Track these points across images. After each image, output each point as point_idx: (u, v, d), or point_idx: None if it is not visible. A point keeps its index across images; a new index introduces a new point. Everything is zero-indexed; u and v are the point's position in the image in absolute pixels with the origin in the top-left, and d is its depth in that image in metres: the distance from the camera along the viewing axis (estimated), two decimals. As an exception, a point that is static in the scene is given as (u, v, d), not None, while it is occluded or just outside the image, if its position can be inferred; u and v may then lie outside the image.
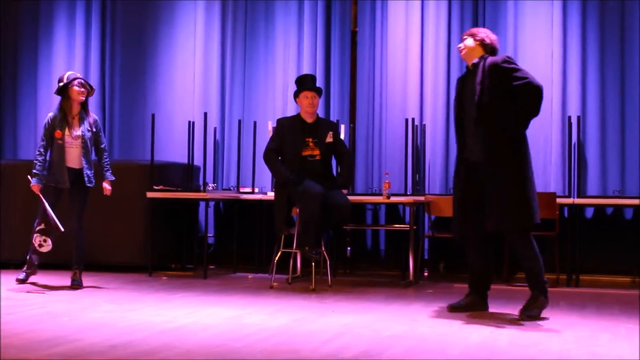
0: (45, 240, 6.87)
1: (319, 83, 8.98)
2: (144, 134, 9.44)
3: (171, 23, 9.67)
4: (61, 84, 6.94)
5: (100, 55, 9.88)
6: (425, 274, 8.21)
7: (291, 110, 8.74)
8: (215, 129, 9.11)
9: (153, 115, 8.43)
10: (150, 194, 8.03)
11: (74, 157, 6.96)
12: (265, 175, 8.67)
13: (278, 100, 9.12)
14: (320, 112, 8.87)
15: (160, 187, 8.11)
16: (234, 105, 9.41)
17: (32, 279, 7.15)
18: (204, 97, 9.39)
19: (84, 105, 7.04)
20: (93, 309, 5.70)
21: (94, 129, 7.09)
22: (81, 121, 7.01)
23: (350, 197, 7.38)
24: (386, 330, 4.97)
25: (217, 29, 9.44)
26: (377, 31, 8.98)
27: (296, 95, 7.30)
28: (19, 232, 8.24)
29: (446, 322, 5.32)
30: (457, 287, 7.32)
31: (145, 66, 9.74)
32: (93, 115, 7.19)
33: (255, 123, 8.79)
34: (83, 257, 7.08)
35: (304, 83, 7.27)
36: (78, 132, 6.97)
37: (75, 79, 6.95)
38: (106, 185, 7.13)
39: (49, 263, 7.58)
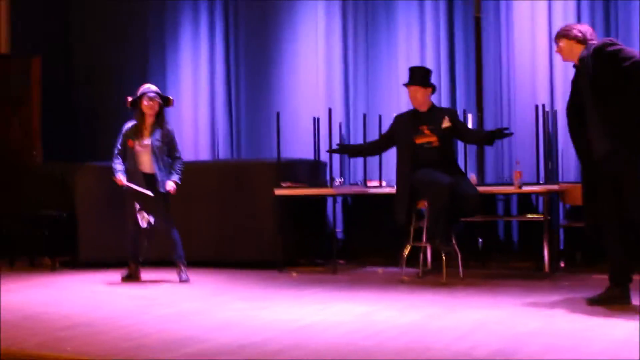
0: (143, 216, 7.15)
1: (444, 72, 8.83)
2: (270, 132, 9.42)
3: (293, 21, 9.66)
4: (130, 98, 7.31)
5: (224, 57, 9.99)
6: (562, 265, 7.88)
7: (416, 101, 8.57)
8: (340, 124, 9.02)
9: (278, 114, 8.43)
10: (278, 191, 8.03)
11: (145, 163, 7.26)
12: (392, 168, 8.53)
13: (402, 93, 8.91)
14: (446, 102, 8.70)
15: (288, 184, 8.10)
16: (358, 100, 9.32)
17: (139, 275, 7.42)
18: (328, 93, 9.34)
19: (159, 116, 7.29)
20: (223, 308, 5.72)
21: (166, 140, 7.31)
22: (153, 132, 7.27)
23: (480, 188, 7.16)
24: (521, 326, 4.75)
25: (338, 24, 9.37)
26: (501, 15, 8.67)
27: None
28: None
29: (585, 317, 5.04)
30: (595, 279, 6.97)
31: (269, 66, 9.77)
32: (168, 127, 7.40)
33: (380, 116, 8.64)
34: (181, 252, 7.28)
35: (409, 77, 7.16)
36: (147, 141, 7.24)
37: (145, 93, 7.24)
38: (169, 183, 7.25)
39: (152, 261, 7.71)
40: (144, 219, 7.11)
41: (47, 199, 9.03)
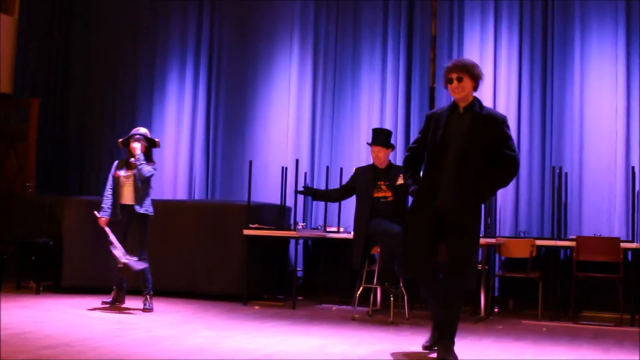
0: (119, 258, 7.07)
1: (400, 134, 8.94)
2: (243, 177, 9.50)
3: (268, 79, 9.76)
4: (120, 140, 7.42)
5: (205, 107, 10.05)
6: (496, 310, 7.96)
7: (374, 157, 8.67)
8: (305, 173, 9.09)
9: (250, 162, 8.48)
10: (246, 232, 8.04)
11: (126, 195, 7.22)
12: (349, 215, 8.60)
13: (362, 149, 9.05)
14: (401, 161, 8.79)
15: (256, 225, 8.11)
16: (322, 153, 9.40)
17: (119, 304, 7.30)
18: (296, 145, 9.42)
19: (146, 156, 7.27)
20: (193, 335, 5.68)
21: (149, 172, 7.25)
22: (138, 167, 7.22)
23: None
24: (459, 363, 4.80)
25: (309, 85, 9.49)
26: (453, 87, 8.84)
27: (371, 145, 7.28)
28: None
29: (515, 356, 5.10)
30: (525, 323, 7.07)
31: (244, 117, 9.84)
32: (153, 164, 7.30)
33: (341, 169, 8.75)
34: (148, 283, 7.17)
35: (374, 138, 7.24)
36: (130, 173, 7.22)
37: (132, 135, 7.30)
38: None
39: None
40: (120, 262, 7.03)
41: (37, 228, 8.93)
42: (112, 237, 7.09)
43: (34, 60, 10.48)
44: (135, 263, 7.02)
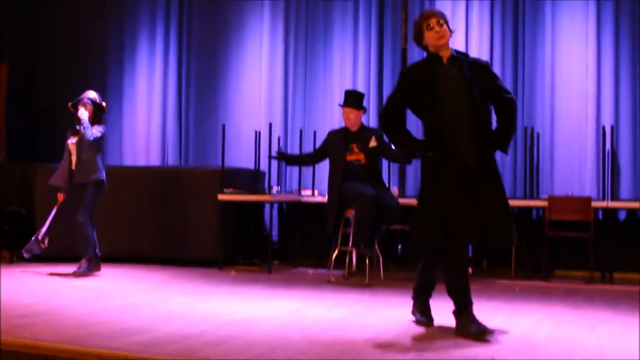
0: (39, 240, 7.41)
1: (372, 96, 8.95)
2: (216, 142, 9.47)
3: (240, 43, 9.69)
4: (70, 104, 7.41)
5: (177, 71, 9.98)
6: (470, 270, 8.04)
7: (347, 121, 8.68)
8: (279, 137, 9.09)
9: (224, 126, 8.46)
10: (220, 196, 8.05)
11: (73, 160, 7.32)
12: (324, 179, 8.63)
13: (335, 112, 9.05)
14: (373, 122, 8.82)
15: (230, 190, 8.13)
16: (295, 117, 9.39)
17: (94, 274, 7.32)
18: (269, 109, 9.40)
19: (96, 119, 7.31)
20: (169, 301, 5.71)
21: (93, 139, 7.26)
22: (84, 132, 7.25)
23: (401, 200, 7.30)
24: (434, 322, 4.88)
25: (280, 47, 9.44)
26: (425, 48, 8.85)
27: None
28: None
29: (489, 315, 5.19)
30: (499, 283, 7.19)
31: (216, 82, 9.79)
32: (99, 128, 7.29)
33: (314, 132, 8.76)
34: (86, 248, 7.18)
35: (345, 99, 7.24)
36: (75, 140, 7.29)
37: (80, 99, 7.31)
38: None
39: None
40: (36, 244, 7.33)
41: (9, 196, 8.88)
42: (51, 216, 7.35)
43: (1, 23, 10.29)
44: (31, 246, 7.31)
